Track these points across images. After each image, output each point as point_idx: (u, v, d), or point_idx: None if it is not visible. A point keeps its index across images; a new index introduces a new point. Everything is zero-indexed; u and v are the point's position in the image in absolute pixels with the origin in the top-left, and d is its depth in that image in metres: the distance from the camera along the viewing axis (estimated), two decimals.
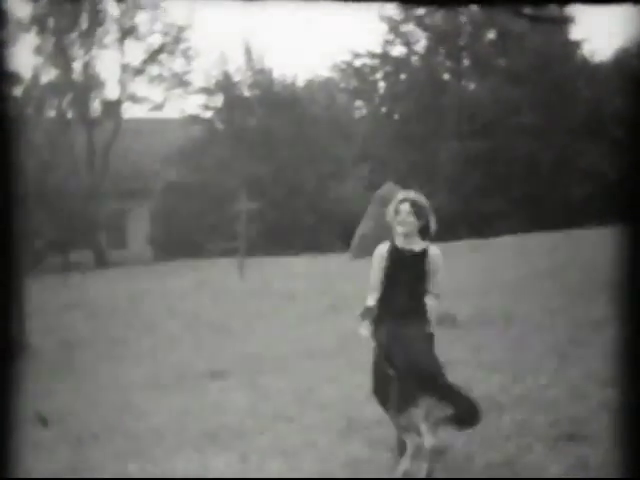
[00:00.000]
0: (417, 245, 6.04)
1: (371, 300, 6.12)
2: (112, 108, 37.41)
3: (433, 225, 6.16)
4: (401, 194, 6.24)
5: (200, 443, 6.99)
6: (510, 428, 6.32)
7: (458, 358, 8.50)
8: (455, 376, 7.69)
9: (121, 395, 9.21)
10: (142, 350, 12.05)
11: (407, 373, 5.62)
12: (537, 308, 11.72)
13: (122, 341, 12.99)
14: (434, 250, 6.08)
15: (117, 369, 10.89)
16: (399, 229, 6.03)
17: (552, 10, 41.44)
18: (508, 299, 12.85)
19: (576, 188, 38.42)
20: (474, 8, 41.92)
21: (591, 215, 37.22)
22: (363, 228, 25.91)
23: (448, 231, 34.99)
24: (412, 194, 6.17)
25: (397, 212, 6.06)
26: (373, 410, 7.28)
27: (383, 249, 6.13)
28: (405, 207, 6.02)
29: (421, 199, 6.14)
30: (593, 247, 19.08)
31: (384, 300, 6.05)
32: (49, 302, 17.61)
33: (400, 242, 6.06)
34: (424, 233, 6.09)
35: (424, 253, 6.02)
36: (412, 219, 6.02)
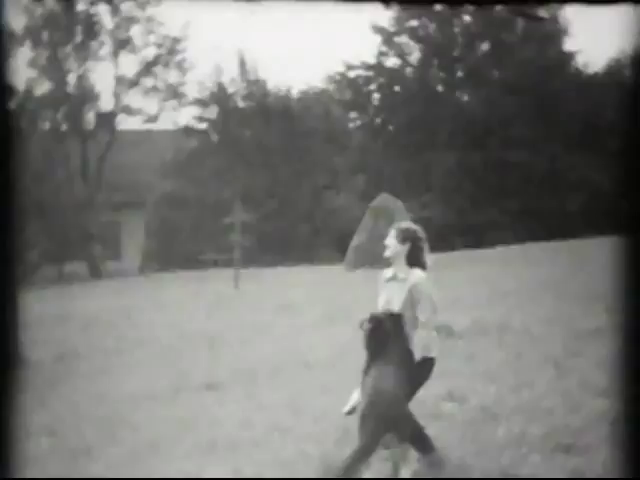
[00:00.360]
0: (401, 272, 6.00)
1: None
2: (106, 120, 37.42)
3: (425, 254, 6.07)
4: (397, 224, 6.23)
5: (195, 455, 6.98)
6: (506, 439, 6.32)
7: (454, 368, 8.49)
8: (451, 386, 7.71)
9: (115, 407, 9.18)
10: (137, 362, 12.01)
11: (368, 411, 5.61)
12: (532, 318, 11.72)
13: (116, 353, 12.96)
14: (416, 276, 5.96)
15: (111, 381, 10.86)
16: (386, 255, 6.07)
17: (545, 25, 41.68)
18: (503, 310, 12.85)
19: (570, 199, 38.51)
20: (467, 19, 42.10)
21: (585, 226, 37.32)
22: (357, 239, 25.92)
23: (442, 242, 35.09)
24: (404, 224, 6.21)
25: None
26: None
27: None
28: (391, 232, 6.10)
29: (409, 225, 6.16)
30: (588, 258, 19.13)
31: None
32: (43, 314, 17.56)
33: (388, 268, 6.07)
34: (413, 260, 6.02)
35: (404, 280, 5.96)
36: (394, 242, 5.98)
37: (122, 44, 37.05)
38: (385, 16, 43.00)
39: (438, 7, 41.84)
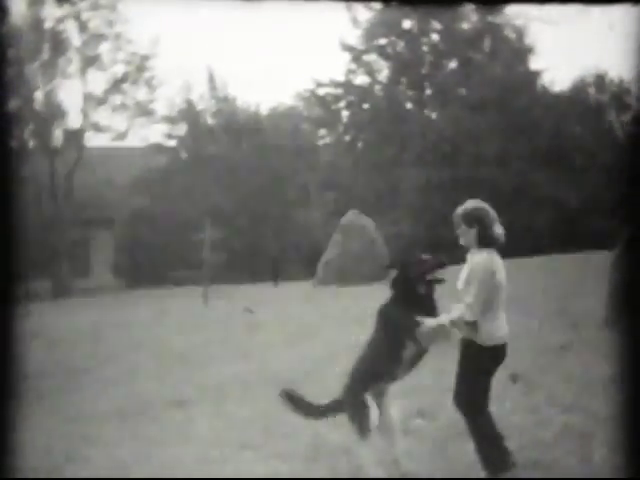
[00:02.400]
0: (470, 254, 5.97)
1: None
2: (74, 137, 37.23)
3: (495, 230, 6.02)
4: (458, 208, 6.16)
5: (164, 473, 6.93)
6: (475, 455, 6.33)
7: (422, 383, 8.51)
8: (419, 402, 7.72)
9: (83, 426, 9.09)
10: (104, 380, 11.91)
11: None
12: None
13: (84, 371, 12.83)
14: (474, 260, 5.95)
15: (78, 400, 10.76)
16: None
17: (512, 43, 42.15)
18: None
19: (537, 215, 38.84)
20: (435, 37, 42.47)
21: (552, 242, 37.66)
22: (328, 255, 25.96)
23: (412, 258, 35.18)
24: (466, 204, 6.10)
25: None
26: (338, 438, 7.27)
27: None
28: (457, 218, 6.06)
29: (474, 206, 6.06)
30: (555, 273, 19.29)
31: None
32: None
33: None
34: (484, 241, 5.97)
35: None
36: (463, 228, 5.98)
37: (90, 61, 36.95)
38: (354, 34, 43.32)
39: (407, 25, 42.24)
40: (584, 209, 39.64)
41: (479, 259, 5.89)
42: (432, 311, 6.09)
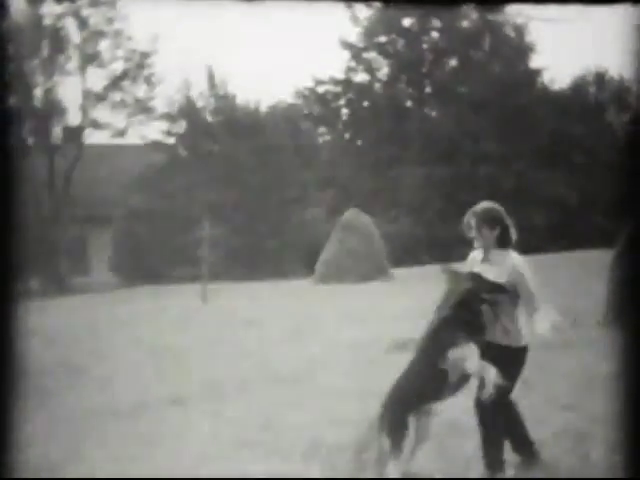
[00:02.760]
0: (496, 254, 5.93)
1: None
2: (74, 134, 37.20)
3: (512, 232, 5.99)
4: (476, 207, 6.03)
5: (162, 471, 6.90)
6: (472, 453, 6.31)
7: None
8: None
9: (81, 423, 9.07)
10: (102, 377, 11.88)
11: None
12: None
13: (82, 369, 12.80)
14: (514, 258, 5.91)
15: (77, 397, 10.73)
16: (476, 245, 5.99)
17: (513, 42, 42.13)
18: None
19: (537, 214, 38.82)
20: (435, 35, 42.44)
21: (552, 240, 37.64)
22: (327, 253, 25.93)
23: (411, 256, 35.20)
24: (482, 206, 6.00)
25: (468, 228, 5.98)
26: (335, 435, 7.25)
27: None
28: (474, 224, 5.95)
29: (491, 207, 5.99)
30: (554, 272, 19.28)
31: None
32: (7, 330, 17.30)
33: (476, 251, 6.05)
34: (503, 241, 5.94)
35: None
36: (485, 229, 5.91)
37: (90, 58, 36.90)
38: (354, 32, 43.27)
39: (407, 23, 42.21)
40: (584, 207, 39.64)
41: (519, 259, 5.89)
42: (481, 332, 5.80)
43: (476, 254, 6.11)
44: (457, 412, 7.46)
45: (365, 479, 5.57)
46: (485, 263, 5.97)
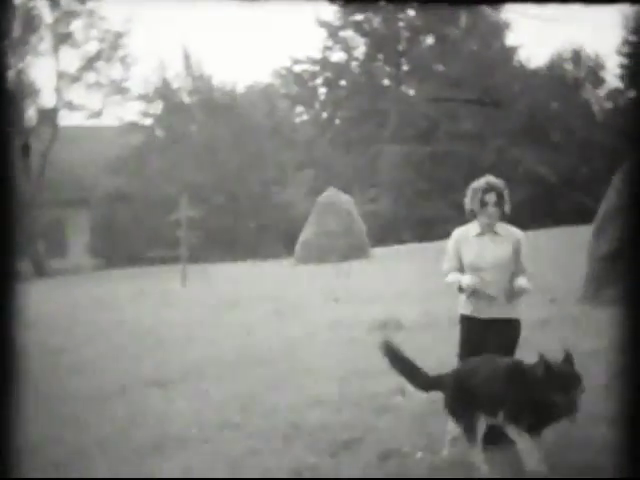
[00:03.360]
0: (498, 227, 6.05)
1: None
2: (48, 116, 36.81)
3: (508, 205, 6.10)
4: (483, 181, 6.08)
5: (144, 453, 6.88)
6: (454, 431, 6.32)
7: None
8: (399, 379, 7.69)
9: (61, 406, 9.02)
10: (82, 360, 11.82)
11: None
12: None
13: (61, 351, 12.73)
14: (518, 232, 6.13)
15: (57, 380, 10.67)
16: (486, 220, 6.01)
17: (489, 19, 42.09)
18: (452, 302, 12.91)
19: (515, 191, 38.88)
20: (411, 13, 42.31)
21: (531, 217, 37.80)
22: (306, 234, 25.91)
23: (391, 235, 35.27)
24: (493, 180, 6.07)
25: (483, 204, 6.01)
26: (317, 416, 7.26)
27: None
28: (492, 198, 6.01)
29: (500, 184, 6.07)
30: (533, 249, 19.34)
31: None
32: None
33: (470, 225, 6.15)
34: (505, 215, 6.10)
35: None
36: (492, 198, 6.02)
37: (63, 39, 36.43)
38: (330, 10, 43.08)
39: (383, 2, 42.07)
40: (562, 184, 39.82)
41: (521, 233, 6.09)
42: None
43: (467, 229, 6.14)
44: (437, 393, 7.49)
45: (370, 479, 5.53)
46: (485, 236, 6.03)
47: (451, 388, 5.70)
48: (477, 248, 6.00)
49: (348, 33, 43.04)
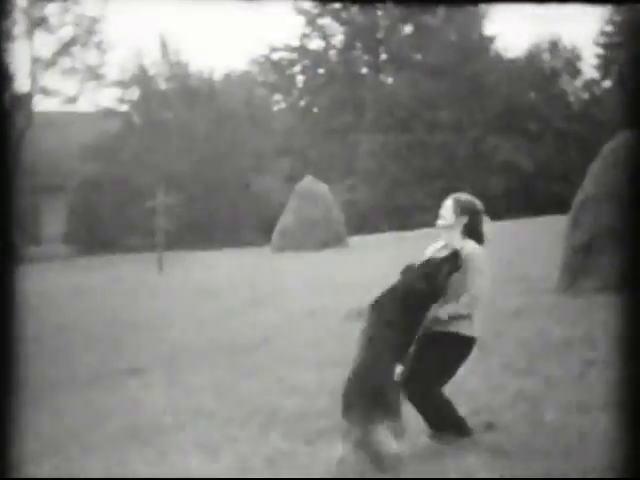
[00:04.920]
0: (455, 242, 5.90)
1: None
2: (23, 102, 36.43)
3: (482, 227, 5.99)
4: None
5: (118, 441, 6.86)
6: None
7: None
8: None
9: (32, 394, 8.96)
10: (57, 348, 11.77)
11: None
12: None
13: (35, 339, 12.66)
14: (469, 247, 5.84)
15: (32, 368, 10.62)
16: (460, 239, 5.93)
17: (467, 8, 42.15)
18: None
19: (493, 181, 39.12)
20: (390, 2, 42.27)
21: (507, 207, 37.98)
22: (283, 222, 25.87)
23: (368, 224, 35.29)
24: (464, 196, 6.03)
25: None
26: (293, 404, 7.26)
27: None
28: (447, 203, 6.01)
29: (468, 198, 6.01)
30: (510, 238, 19.45)
31: None
32: None
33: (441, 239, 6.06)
34: (470, 232, 5.93)
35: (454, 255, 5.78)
36: (450, 213, 5.94)
37: (37, 23, 36.02)
38: None
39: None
40: (539, 174, 40.01)
41: (478, 251, 5.85)
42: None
43: (437, 244, 6.13)
44: None
45: (371, 479, 5.51)
46: (443, 250, 5.98)
47: None
48: None
49: (326, 21, 42.92)
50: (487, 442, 5.69)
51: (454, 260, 5.73)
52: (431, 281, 5.69)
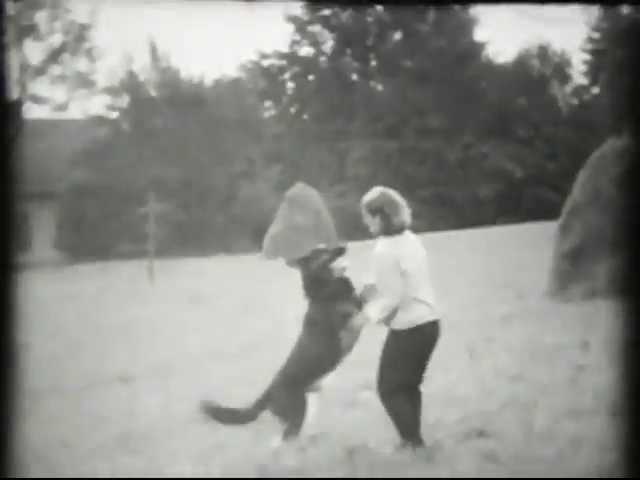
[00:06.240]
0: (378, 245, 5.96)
1: None
2: (12, 109, 36.34)
3: (397, 217, 5.98)
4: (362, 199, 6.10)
5: (109, 448, 6.84)
6: (421, 425, 6.34)
7: (369, 355, 8.50)
8: (366, 374, 7.71)
9: (24, 402, 8.92)
10: (46, 355, 11.73)
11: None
12: (446, 305, 11.84)
13: (25, 346, 12.61)
14: (376, 248, 5.93)
15: (21, 375, 10.57)
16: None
17: (457, 14, 42.29)
18: None
19: (483, 187, 39.19)
20: (380, 8, 42.36)
21: (497, 213, 38.07)
22: (274, 229, 25.84)
23: (358, 231, 35.33)
24: (367, 197, 6.03)
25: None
26: None
27: None
28: (362, 210, 6.04)
29: (371, 197, 6.01)
30: (500, 244, 19.49)
31: None
32: None
33: None
34: (386, 229, 5.95)
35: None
36: (369, 218, 5.99)
37: (26, 30, 35.95)
38: (298, 5, 42.94)
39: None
40: (529, 180, 40.10)
41: (379, 251, 5.91)
42: (350, 292, 6.23)
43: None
44: None
45: (365, 479, 5.52)
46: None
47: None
48: None
49: (316, 28, 42.96)
50: (479, 448, 5.69)
51: (334, 252, 6.25)
52: (306, 266, 6.24)
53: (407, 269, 5.89)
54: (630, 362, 4.57)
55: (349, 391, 7.67)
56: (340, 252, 6.24)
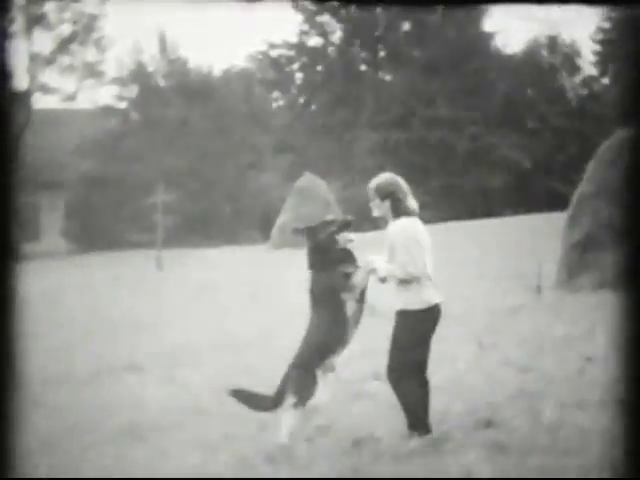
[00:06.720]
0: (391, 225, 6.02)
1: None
2: (22, 99, 36.38)
3: (408, 201, 6.06)
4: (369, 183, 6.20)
5: (117, 438, 6.85)
6: (429, 416, 6.34)
7: (377, 347, 8.50)
8: (375, 364, 7.72)
9: (31, 391, 8.96)
10: (55, 345, 11.76)
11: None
12: (455, 296, 11.84)
13: (34, 336, 12.65)
14: (391, 228, 6.01)
15: (29, 365, 10.61)
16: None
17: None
18: None
19: (492, 177, 39.09)
20: None
21: (506, 204, 37.99)
22: (282, 219, 25.87)
23: (365, 221, 35.29)
24: (376, 181, 6.12)
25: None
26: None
27: None
28: (369, 194, 6.14)
29: (381, 181, 6.10)
30: (509, 235, 19.45)
31: None
32: None
33: None
34: (397, 212, 6.01)
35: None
36: (376, 202, 6.07)
37: (35, 20, 35.96)
38: None
39: None
40: (537, 171, 39.99)
41: (398, 227, 5.98)
42: (353, 259, 6.31)
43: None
44: None
45: (370, 479, 5.52)
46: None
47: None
48: None
49: (325, 18, 42.89)
50: (486, 438, 5.70)
51: (341, 224, 6.31)
52: (313, 236, 6.29)
53: (425, 246, 5.99)
54: (638, 353, 4.56)
55: (356, 382, 7.67)
56: (347, 225, 6.32)
